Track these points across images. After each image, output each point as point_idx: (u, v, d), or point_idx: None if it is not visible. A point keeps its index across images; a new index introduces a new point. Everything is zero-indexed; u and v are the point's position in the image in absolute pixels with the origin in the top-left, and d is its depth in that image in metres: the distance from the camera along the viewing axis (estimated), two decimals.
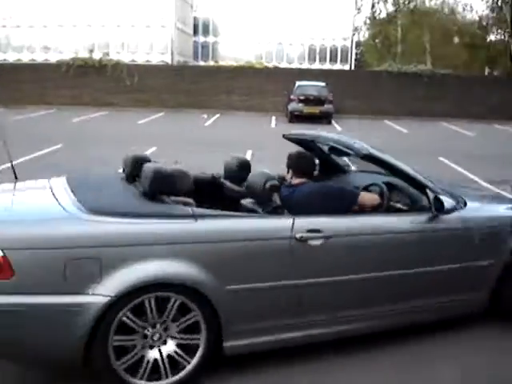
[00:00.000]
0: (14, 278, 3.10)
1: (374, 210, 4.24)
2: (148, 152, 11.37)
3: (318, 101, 24.01)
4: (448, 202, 4.20)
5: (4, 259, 3.08)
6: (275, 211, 3.94)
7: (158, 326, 3.51)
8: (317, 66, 68.03)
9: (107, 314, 3.28)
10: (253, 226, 3.77)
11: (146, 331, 3.48)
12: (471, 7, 43.69)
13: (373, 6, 40.75)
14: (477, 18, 44.69)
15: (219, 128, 21.39)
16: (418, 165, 5.05)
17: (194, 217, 3.60)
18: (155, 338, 3.52)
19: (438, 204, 4.07)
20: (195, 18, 76.68)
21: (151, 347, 3.51)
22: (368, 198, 4.31)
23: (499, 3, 40.49)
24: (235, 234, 3.66)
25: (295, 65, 66.85)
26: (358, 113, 27.05)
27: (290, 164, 4.41)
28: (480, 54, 44.94)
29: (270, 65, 47.50)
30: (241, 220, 3.79)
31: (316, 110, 23.91)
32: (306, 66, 68.39)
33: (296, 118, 23.69)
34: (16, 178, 4.37)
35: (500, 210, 4.83)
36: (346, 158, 5.38)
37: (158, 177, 3.66)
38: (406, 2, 39.88)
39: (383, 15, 41.40)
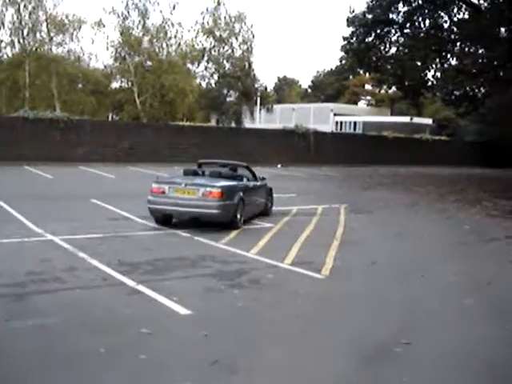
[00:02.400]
0: (224, 196, 11.71)
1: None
2: None
3: None
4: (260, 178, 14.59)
5: (221, 191, 11.68)
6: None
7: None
8: None
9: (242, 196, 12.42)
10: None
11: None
12: (96, 56, 46.07)
13: None
14: (102, 67, 47.59)
15: None
16: (74, 208, 7.11)
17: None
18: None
19: (260, 179, 14.48)
20: None
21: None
22: None
23: (122, 54, 44.09)
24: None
25: None
26: None
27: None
28: (105, 100, 48.00)
29: None
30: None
31: None
32: None
33: None
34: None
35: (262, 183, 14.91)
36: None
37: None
38: (34, 49, 40.53)
39: (10, 59, 41.21)
